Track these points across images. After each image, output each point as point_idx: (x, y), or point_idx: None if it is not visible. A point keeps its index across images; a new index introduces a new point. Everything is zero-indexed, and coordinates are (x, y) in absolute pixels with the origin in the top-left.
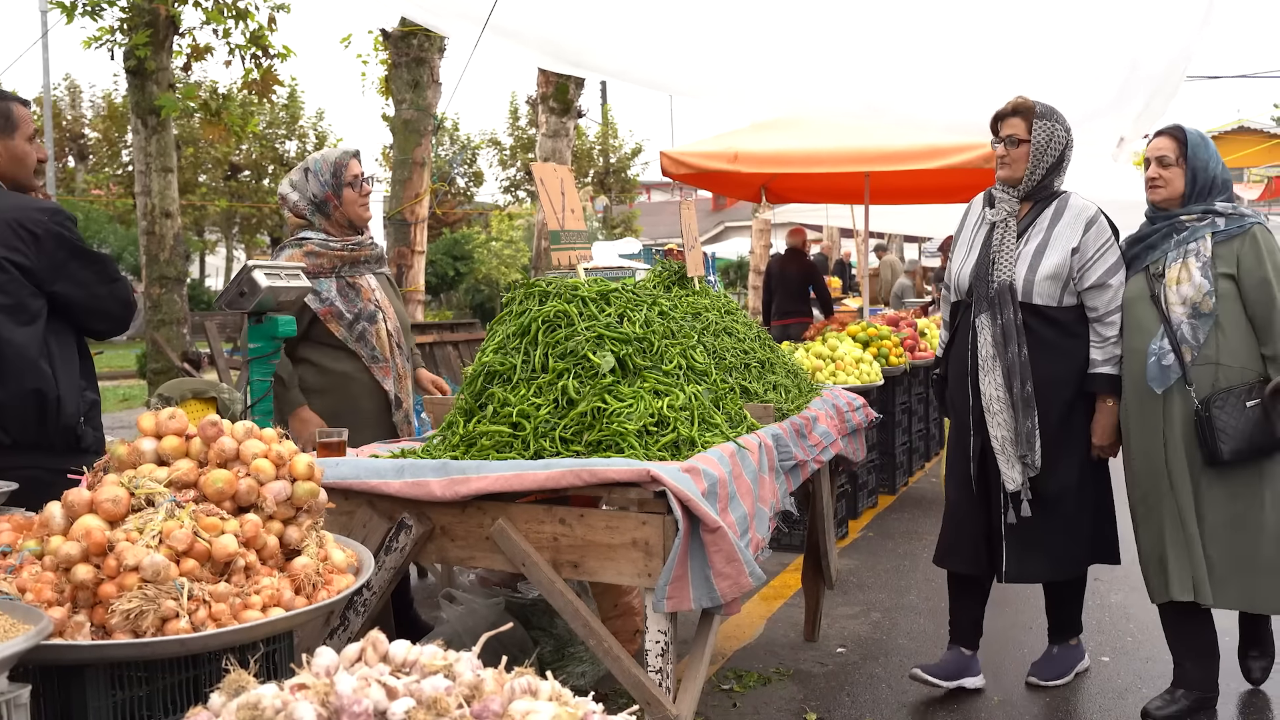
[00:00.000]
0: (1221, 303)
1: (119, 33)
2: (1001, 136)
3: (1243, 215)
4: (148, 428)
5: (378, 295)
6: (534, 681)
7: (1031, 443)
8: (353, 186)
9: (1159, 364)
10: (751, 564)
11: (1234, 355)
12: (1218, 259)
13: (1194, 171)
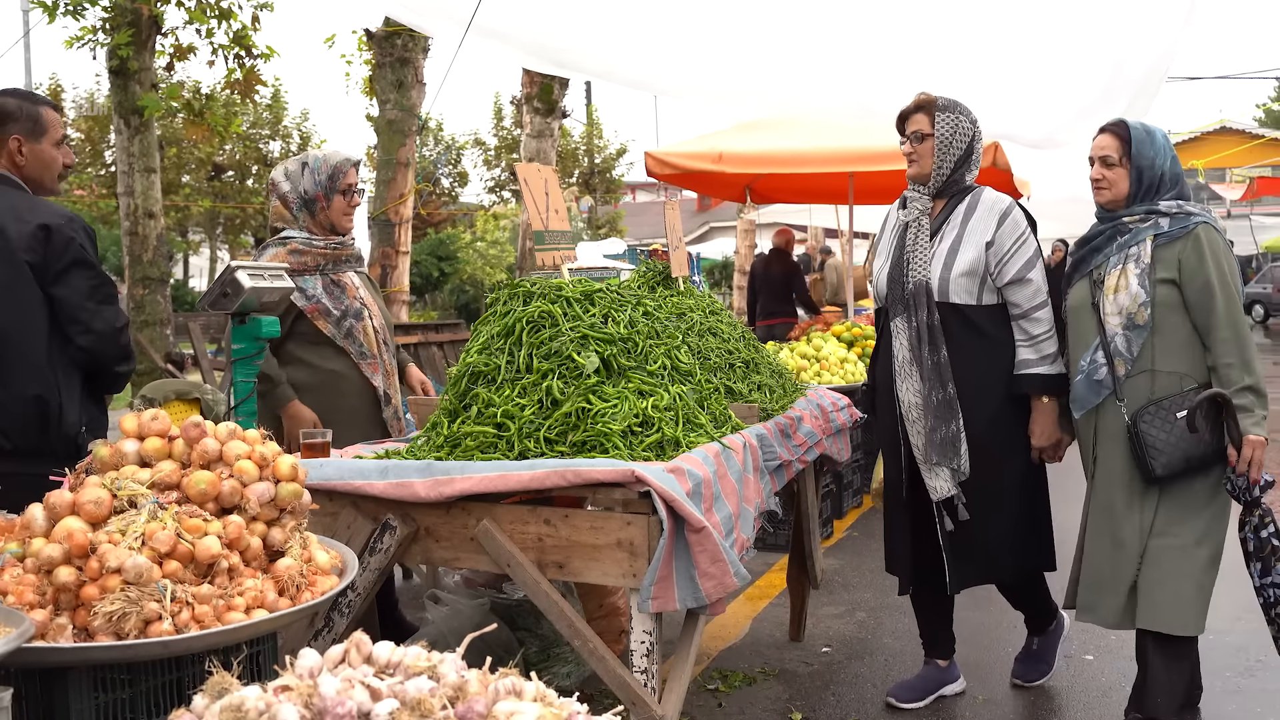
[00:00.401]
0: (1161, 311)
1: (101, 32)
2: (907, 134)
3: (1188, 214)
4: (130, 429)
5: (362, 293)
6: (518, 682)
7: (956, 448)
8: (344, 195)
9: (1088, 380)
10: (736, 564)
11: (1170, 360)
12: (1158, 263)
13: (1139, 170)
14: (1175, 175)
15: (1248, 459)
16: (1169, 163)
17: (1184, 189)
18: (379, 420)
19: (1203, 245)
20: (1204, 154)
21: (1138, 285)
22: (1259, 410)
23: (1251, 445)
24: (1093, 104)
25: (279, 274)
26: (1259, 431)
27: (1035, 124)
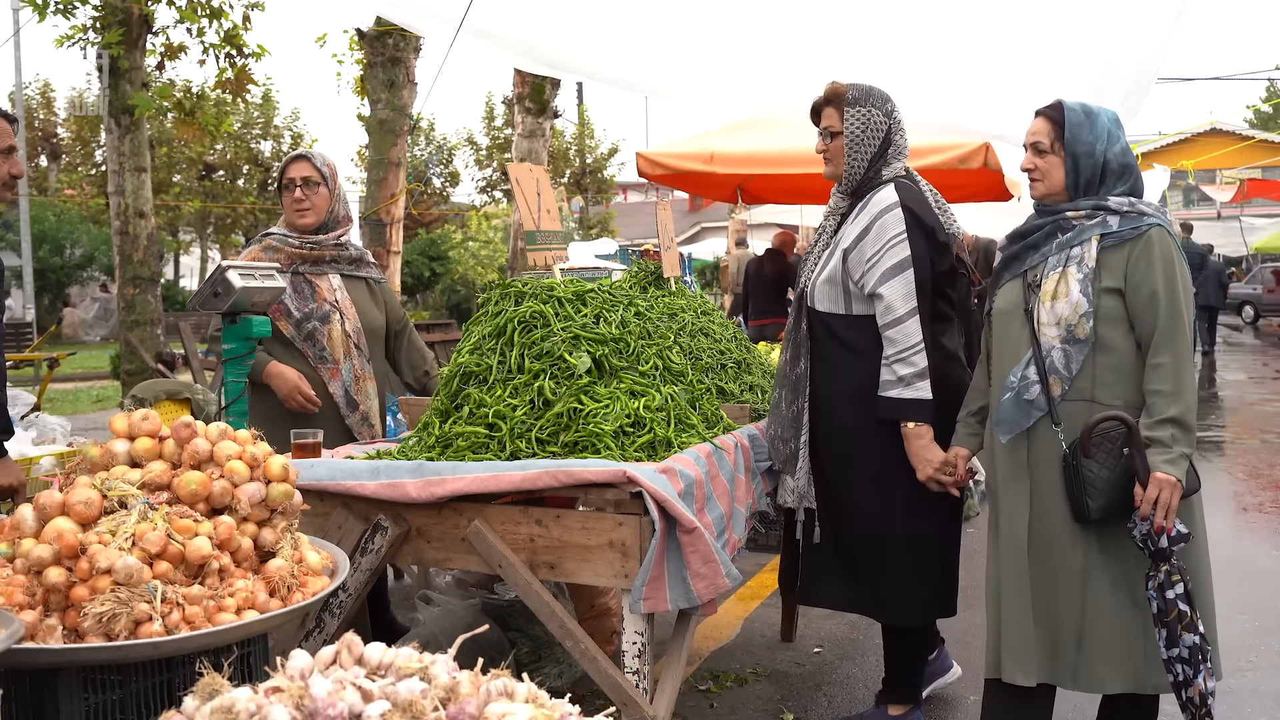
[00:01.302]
0: (1104, 325)
1: (91, 31)
2: (819, 130)
3: (1141, 214)
4: (120, 429)
5: (338, 296)
6: (510, 683)
7: (792, 465)
8: (287, 189)
9: (1017, 399)
10: (728, 565)
11: (1113, 391)
12: (1104, 269)
13: (1074, 158)
14: (1124, 165)
15: (1152, 500)
16: (1116, 150)
17: (1136, 183)
18: (342, 427)
19: (1154, 251)
20: (1194, 155)
21: (1079, 293)
22: (1178, 447)
23: (1158, 485)
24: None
25: (269, 273)
26: (1171, 471)
27: (1025, 124)
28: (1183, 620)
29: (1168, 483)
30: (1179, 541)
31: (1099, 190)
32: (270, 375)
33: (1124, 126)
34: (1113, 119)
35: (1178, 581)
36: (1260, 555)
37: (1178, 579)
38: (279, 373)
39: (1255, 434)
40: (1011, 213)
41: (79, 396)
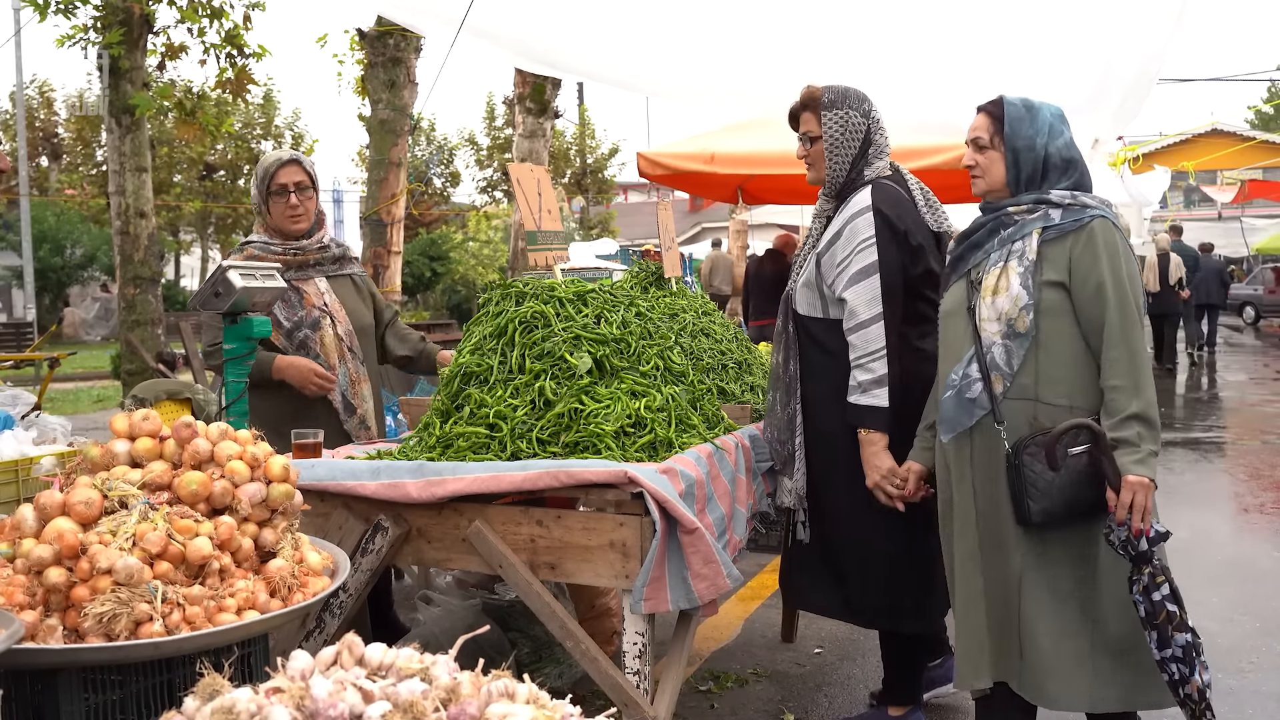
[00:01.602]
0: (1046, 319)
1: (92, 31)
2: (799, 135)
3: (1084, 206)
4: (121, 429)
5: (326, 299)
6: (511, 684)
7: (790, 467)
8: (278, 195)
9: (959, 397)
10: (729, 565)
11: (1057, 389)
12: (1045, 262)
13: (1014, 153)
14: (1068, 159)
15: (1127, 504)
16: (1059, 144)
17: (1081, 177)
18: (341, 431)
19: (1097, 242)
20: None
21: (1019, 286)
22: (1146, 445)
23: (1131, 488)
24: (1083, 104)
25: (271, 274)
26: (1141, 471)
27: None
28: (1173, 620)
29: (1141, 484)
30: (1158, 541)
31: (1041, 185)
32: (281, 368)
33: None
34: (1056, 114)
35: (1163, 583)
36: (1261, 556)
37: (1162, 580)
38: (289, 363)
39: (1256, 435)
40: None
41: (79, 396)
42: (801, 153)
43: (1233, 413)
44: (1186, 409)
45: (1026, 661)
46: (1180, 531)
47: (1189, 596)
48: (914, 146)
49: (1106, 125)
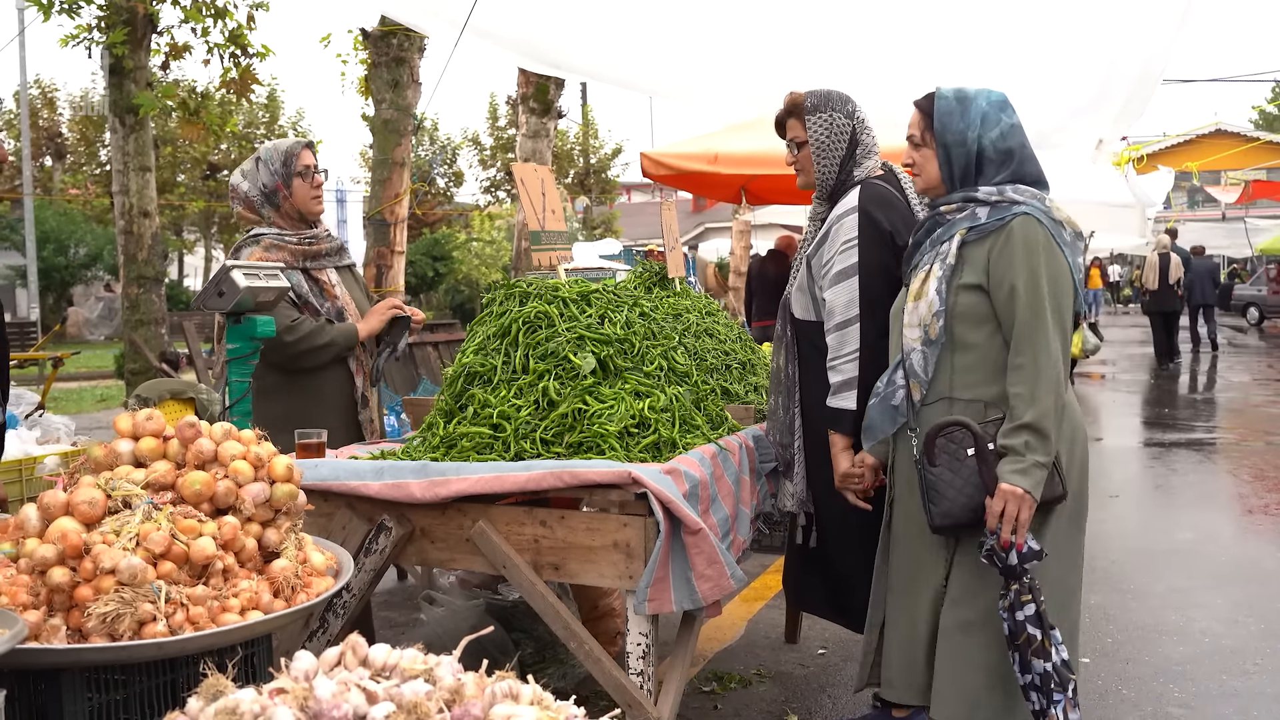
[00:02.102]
0: (961, 324)
1: (96, 31)
2: (786, 142)
3: (1012, 202)
4: (125, 429)
5: (339, 290)
6: (515, 685)
7: (790, 470)
8: (303, 176)
9: (884, 405)
10: (733, 566)
11: (972, 385)
12: (966, 265)
13: (945, 148)
14: (1004, 151)
15: (997, 513)
16: (993, 136)
17: (1022, 169)
18: (355, 422)
19: (1015, 242)
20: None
21: (934, 291)
22: (1031, 456)
23: (1004, 496)
24: (1087, 104)
25: (274, 273)
26: (1018, 481)
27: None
28: (1031, 644)
29: (1014, 494)
30: (1030, 559)
31: (976, 180)
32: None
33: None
34: (995, 102)
35: (1028, 602)
36: (1266, 558)
37: (1028, 599)
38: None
39: (1260, 436)
40: None
41: (83, 396)
42: (790, 159)
43: (1236, 414)
44: (1190, 410)
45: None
46: (1184, 533)
47: (1194, 599)
48: None
49: (1110, 125)
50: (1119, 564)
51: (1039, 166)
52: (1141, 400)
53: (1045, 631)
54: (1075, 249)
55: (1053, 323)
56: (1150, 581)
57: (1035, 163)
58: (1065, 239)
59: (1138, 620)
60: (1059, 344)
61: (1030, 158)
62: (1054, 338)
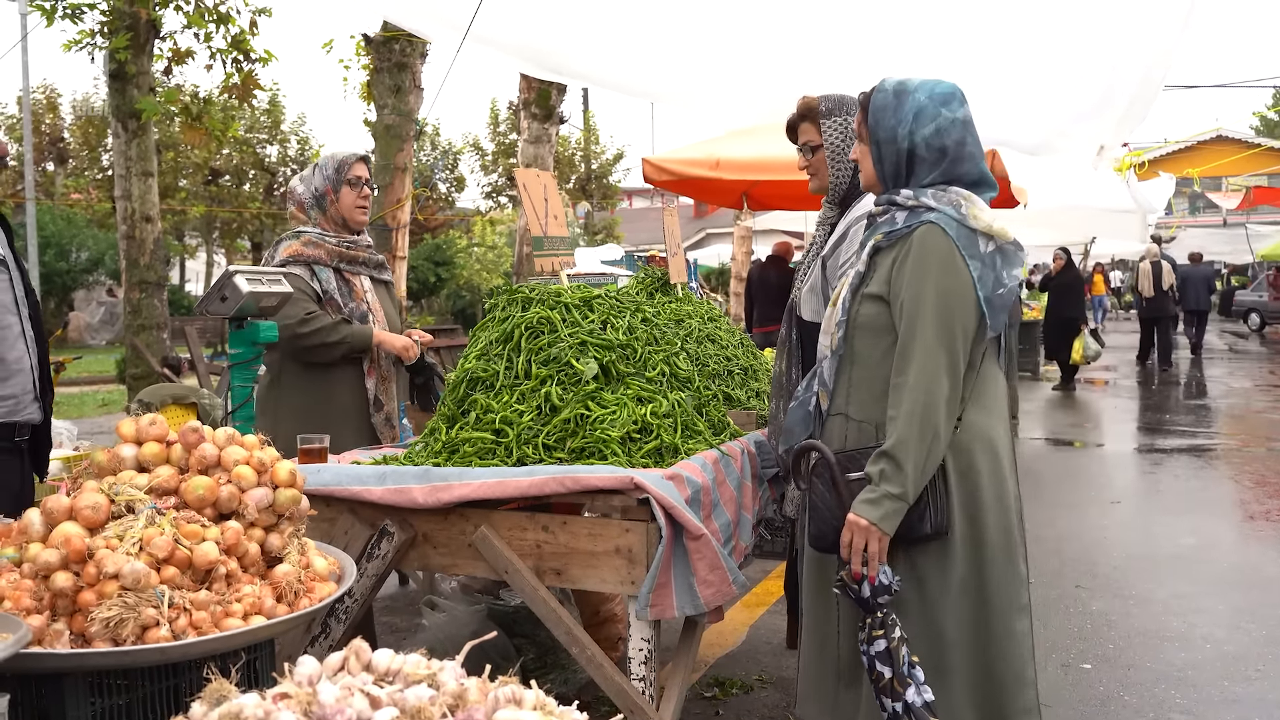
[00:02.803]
0: (861, 335)
1: (99, 36)
2: (799, 146)
3: (927, 208)
4: (128, 434)
5: (369, 297)
6: (518, 690)
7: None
8: (352, 185)
9: (801, 410)
10: (735, 571)
11: (866, 404)
12: (874, 273)
13: (877, 146)
14: (939, 149)
15: (846, 543)
16: (927, 133)
17: (957, 168)
18: (368, 424)
19: (911, 253)
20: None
21: (843, 300)
22: (884, 486)
23: (850, 528)
24: (1089, 110)
25: (277, 279)
26: (864, 511)
27: (1031, 130)
28: (879, 682)
29: (857, 525)
30: (881, 594)
31: (908, 180)
32: (381, 341)
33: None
34: (937, 95)
35: (879, 638)
36: (1267, 564)
37: (880, 634)
38: (384, 341)
39: (1262, 441)
40: (1017, 219)
41: (84, 400)
42: (803, 163)
43: (1238, 419)
44: (1191, 415)
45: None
46: (1186, 539)
47: (1196, 605)
48: None
49: (1112, 131)
50: (1121, 570)
51: (979, 165)
52: (1143, 406)
53: (896, 669)
54: (992, 261)
55: (935, 343)
56: (1152, 587)
57: (974, 161)
58: (979, 250)
59: (1140, 626)
60: (938, 366)
61: (969, 156)
62: (932, 359)
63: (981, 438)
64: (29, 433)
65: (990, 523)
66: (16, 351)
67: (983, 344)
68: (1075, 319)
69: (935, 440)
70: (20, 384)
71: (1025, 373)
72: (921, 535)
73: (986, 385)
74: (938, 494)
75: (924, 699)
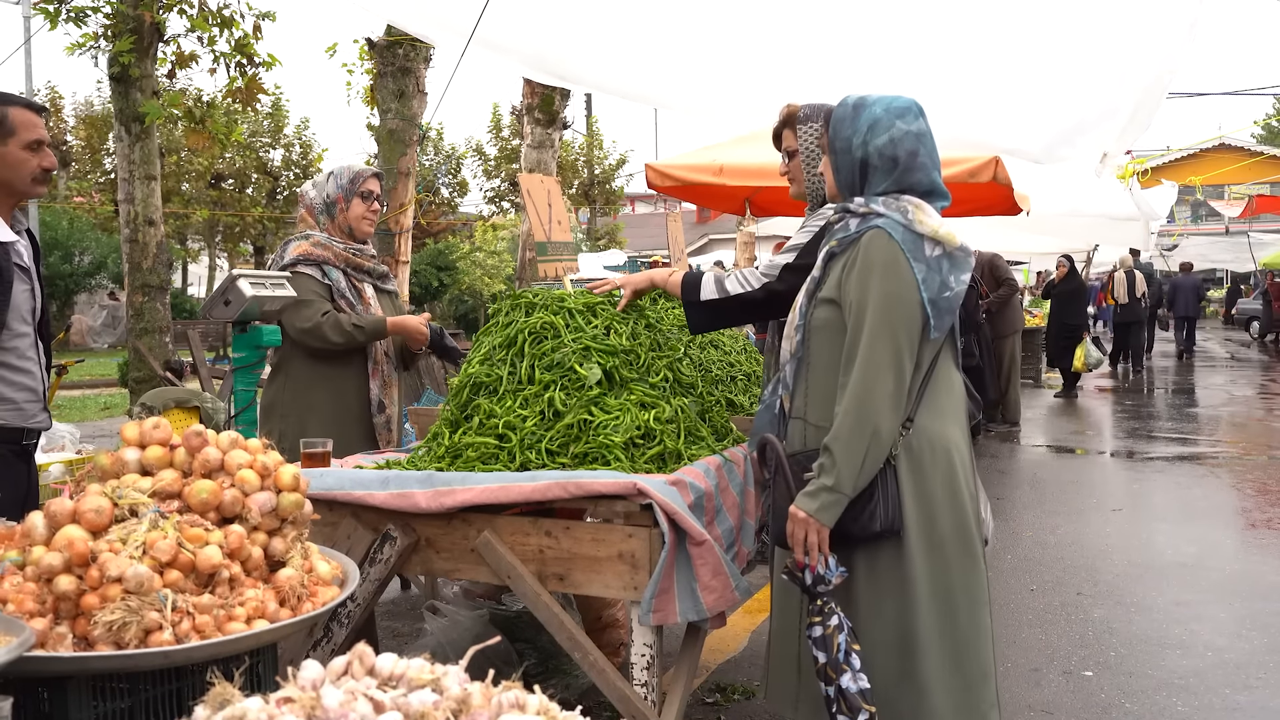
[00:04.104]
0: (816, 338)
1: (103, 39)
2: (782, 153)
3: (876, 214)
4: (131, 437)
5: (374, 305)
6: (522, 695)
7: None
8: (364, 198)
9: (768, 412)
10: (738, 577)
11: (820, 411)
12: (827, 278)
13: (834, 155)
14: (890, 159)
15: (789, 533)
16: (880, 143)
17: (909, 177)
18: (369, 426)
19: (859, 257)
20: (1203, 170)
21: (799, 305)
22: (822, 478)
23: (791, 520)
24: (1094, 119)
25: (280, 282)
26: (803, 504)
27: (1035, 138)
28: (814, 665)
29: (795, 516)
30: (819, 583)
31: (863, 189)
32: (395, 326)
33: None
34: (893, 109)
35: (816, 624)
36: (1270, 571)
37: (817, 621)
38: (401, 325)
39: (1263, 450)
40: (1020, 227)
41: (87, 403)
42: (783, 169)
43: (1239, 427)
44: (1193, 423)
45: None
46: (1188, 547)
47: (1198, 613)
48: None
49: (1116, 139)
50: (1122, 577)
51: (931, 175)
52: (1144, 414)
53: (831, 656)
54: (938, 265)
55: (878, 343)
56: (1153, 595)
57: (927, 171)
58: (924, 254)
59: (1141, 633)
60: (880, 365)
61: (921, 166)
62: (874, 358)
63: (932, 439)
64: (37, 438)
65: (945, 522)
66: (28, 360)
67: (932, 346)
68: (1078, 326)
69: (875, 436)
70: (30, 391)
71: (1027, 380)
72: (873, 533)
73: (939, 388)
74: (888, 493)
75: (859, 686)
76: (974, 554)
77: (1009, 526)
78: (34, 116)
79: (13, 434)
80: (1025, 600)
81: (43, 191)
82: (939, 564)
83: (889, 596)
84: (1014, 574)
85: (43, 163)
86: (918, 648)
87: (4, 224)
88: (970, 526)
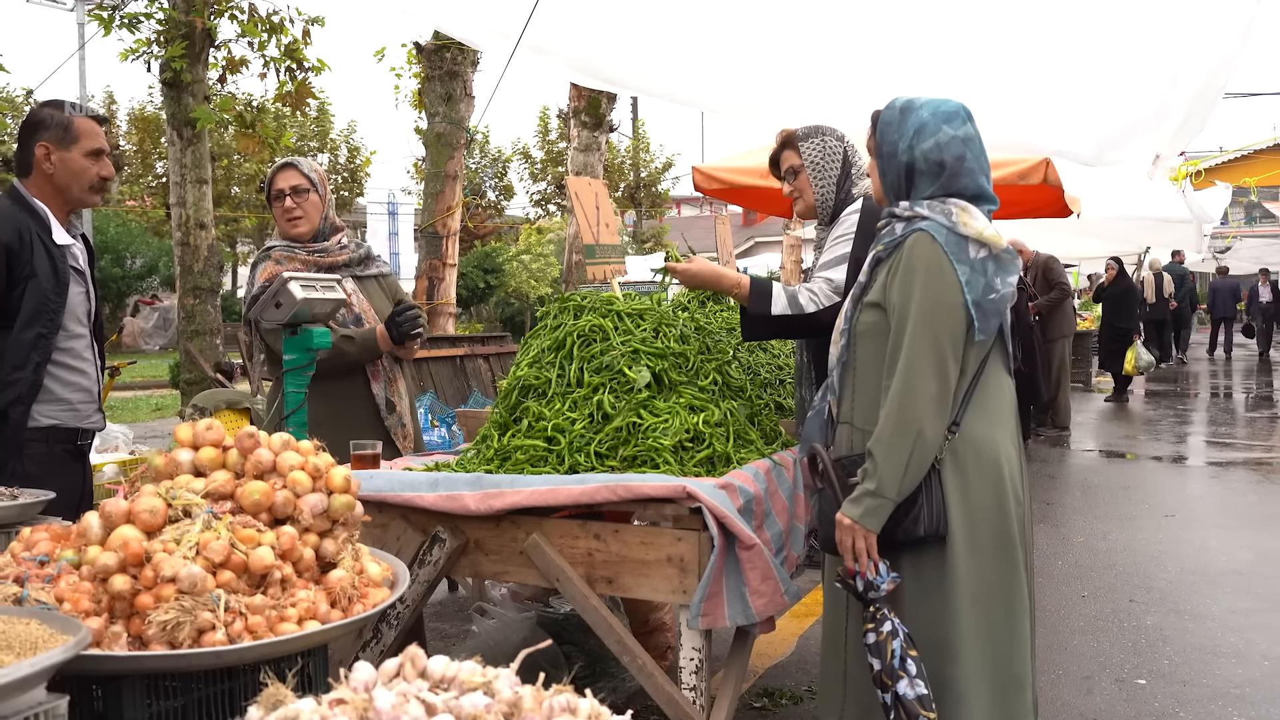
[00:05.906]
0: (863, 343)
1: (155, 45)
2: (782, 175)
3: (921, 218)
4: (185, 439)
5: (356, 300)
6: (573, 700)
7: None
8: (276, 200)
9: (818, 418)
10: (787, 582)
11: (867, 415)
12: (874, 283)
13: (881, 160)
14: (937, 163)
15: (838, 541)
16: (926, 147)
17: (955, 182)
18: (381, 428)
19: (902, 260)
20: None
21: (846, 311)
22: (866, 483)
23: (838, 527)
24: (1148, 120)
25: (330, 284)
26: (848, 510)
27: (1087, 140)
28: (870, 672)
29: (841, 523)
30: (868, 589)
31: (909, 194)
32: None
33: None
34: (941, 113)
35: (869, 631)
36: None
37: (870, 628)
38: (383, 334)
39: None
40: (1071, 229)
41: (139, 405)
42: (788, 189)
43: None
44: (1246, 427)
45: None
46: (1243, 553)
47: (1254, 621)
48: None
49: (1169, 141)
50: (1175, 584)
51: (978, 180)
52: (1197, 418)
53: (885, 662)
54: (983, 267)
55: (921, 345)
56: (1208, 603)
57: (974, 176)
58: (968, 256)
59: (1195, 642)
60: (924, 368)
61: (968, 171)
62: (917, 361)
63: (979, 443)
64: (91, 438)
65: (989, 528)
66: (84, 361)
67: (979, 350)
68: (1128, 330)
69: (919, 440)
70: (85, 391)
71: (1077, 384)
72: (917, 538)
73: (988, 392)
74: (933, 497)
75: (916, 692)
76: (1015, 561)
77: (1059, 532)
78: (96, 126)
79: (68, 434)
80: (1077, 607)
81: (99, 201)
82: (980, 570)
83: (930, 601)
84: (1065, 580)
85: (101, 171)
86: (955, 653)
87: (61, 228)
88: (1014, 533)
